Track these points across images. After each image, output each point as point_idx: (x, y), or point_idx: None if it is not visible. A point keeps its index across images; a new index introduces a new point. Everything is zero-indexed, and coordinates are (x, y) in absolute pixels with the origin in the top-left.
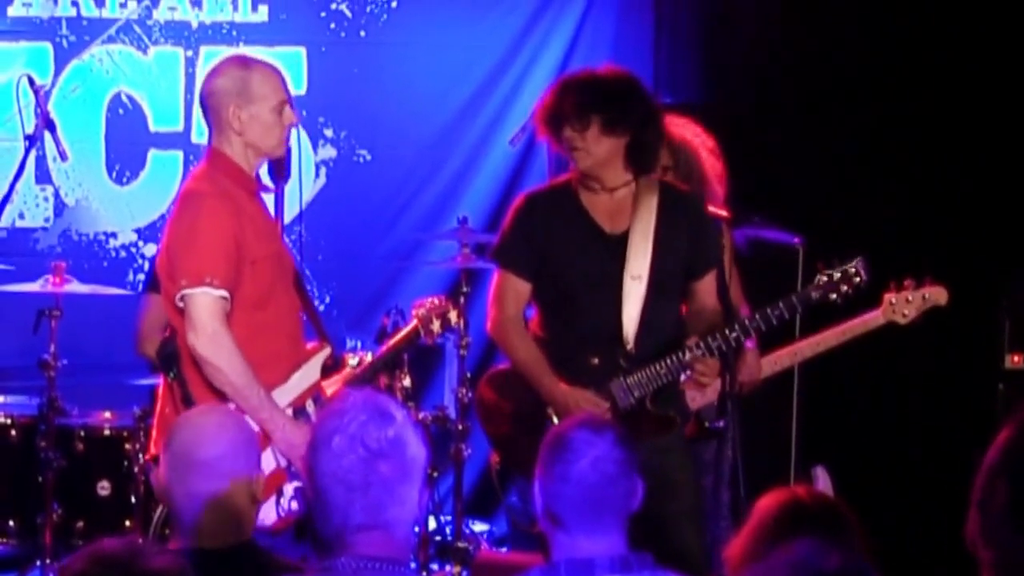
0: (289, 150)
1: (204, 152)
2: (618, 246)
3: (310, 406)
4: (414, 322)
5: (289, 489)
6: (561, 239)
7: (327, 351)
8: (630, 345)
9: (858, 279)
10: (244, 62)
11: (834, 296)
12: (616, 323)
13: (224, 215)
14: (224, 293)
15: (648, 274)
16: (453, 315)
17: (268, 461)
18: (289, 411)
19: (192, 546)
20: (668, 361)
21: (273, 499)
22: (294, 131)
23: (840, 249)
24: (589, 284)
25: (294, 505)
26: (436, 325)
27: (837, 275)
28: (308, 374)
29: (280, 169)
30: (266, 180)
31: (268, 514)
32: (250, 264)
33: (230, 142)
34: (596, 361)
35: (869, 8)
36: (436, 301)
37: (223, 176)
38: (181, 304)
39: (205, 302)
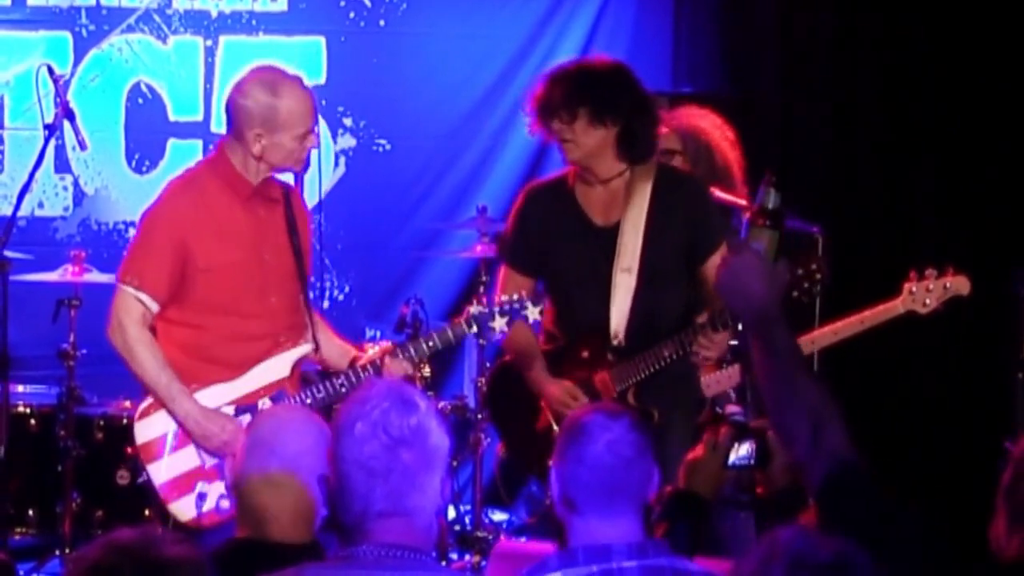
0: None
1: (216, 143)
2: (608, 239)
3: (264, 404)
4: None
5: (216, 488)
6: (555, 234)
7: (303, 349)
8: (618, 339)
9: (819, 275)
10: (273, 87)
11: (796, 294)
12: (604, 317)
13: (180, 220)
14: (142, 296)
15: (638, 266)
16: (534, 312)
17: (190, 458)
18: (231, 409)
19: (256, 536)
20: (650, 354)
21: (193, 496)
22: None
23: (859, 238)
24: (579, 278)
25: (224, 504)
26: (500, 323)
27: (799, 272)
28: (269, 371)
29: None
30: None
31: (187, 509)
32: (203, 272)
33: (242, 155)
34: (586, 354)
35: None
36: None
37: (216, 177)
38: None
39: (121, 297)
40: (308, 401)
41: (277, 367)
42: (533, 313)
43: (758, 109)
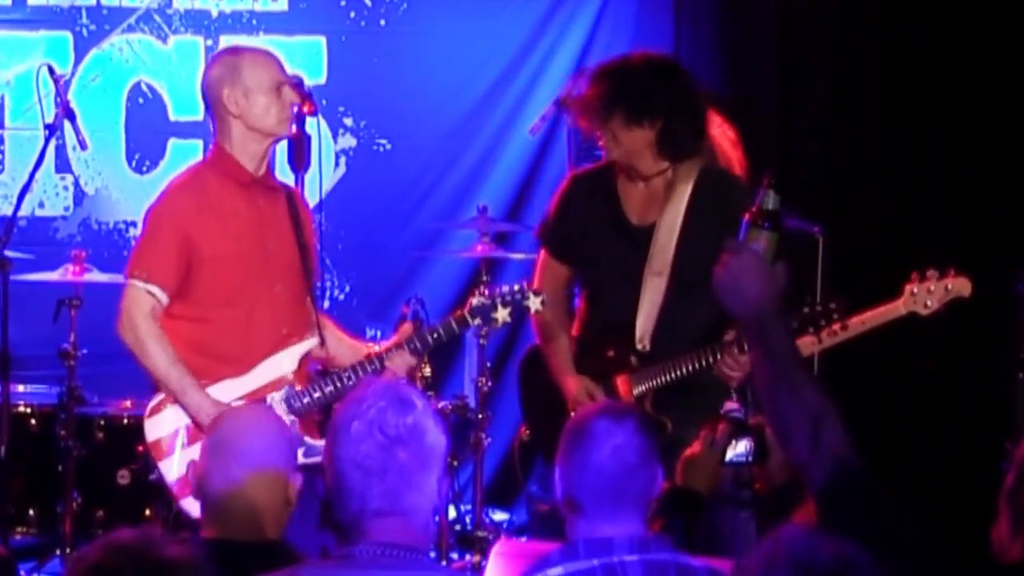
0: (308, 138)
1: (212, 142)
2: (643, 240)
3: (273, 399)
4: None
5: None
6: (591, 226)
7: (309, 343)
8: (643, 344)
9: (836, 316)
10: (235, 49)
11: (812, 330)
12: (631, 320)
13: (183, 214)
14: (153, 288)
15: (670, 271)
16: (536, 302)
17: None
18: (240, 404)
19: (222, 536)
20: (670, 364)
21: None
22: (312, 120)
23: (859, 238)
24: (610, 278)
25: None
26: (503, 313)
27: (818, 308)
28: (276, 367)
29: (300, 158)
30: (284, 172)
31: (196, 505)
32: (208, 262)
33: (230, 131)
34: (611, 353)
35: None
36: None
37: (216, 172)
38: None
39: (130, 292)
40: (316, 395)
41: (284, 362)
42: (535, 304)
43: (758, 109)
